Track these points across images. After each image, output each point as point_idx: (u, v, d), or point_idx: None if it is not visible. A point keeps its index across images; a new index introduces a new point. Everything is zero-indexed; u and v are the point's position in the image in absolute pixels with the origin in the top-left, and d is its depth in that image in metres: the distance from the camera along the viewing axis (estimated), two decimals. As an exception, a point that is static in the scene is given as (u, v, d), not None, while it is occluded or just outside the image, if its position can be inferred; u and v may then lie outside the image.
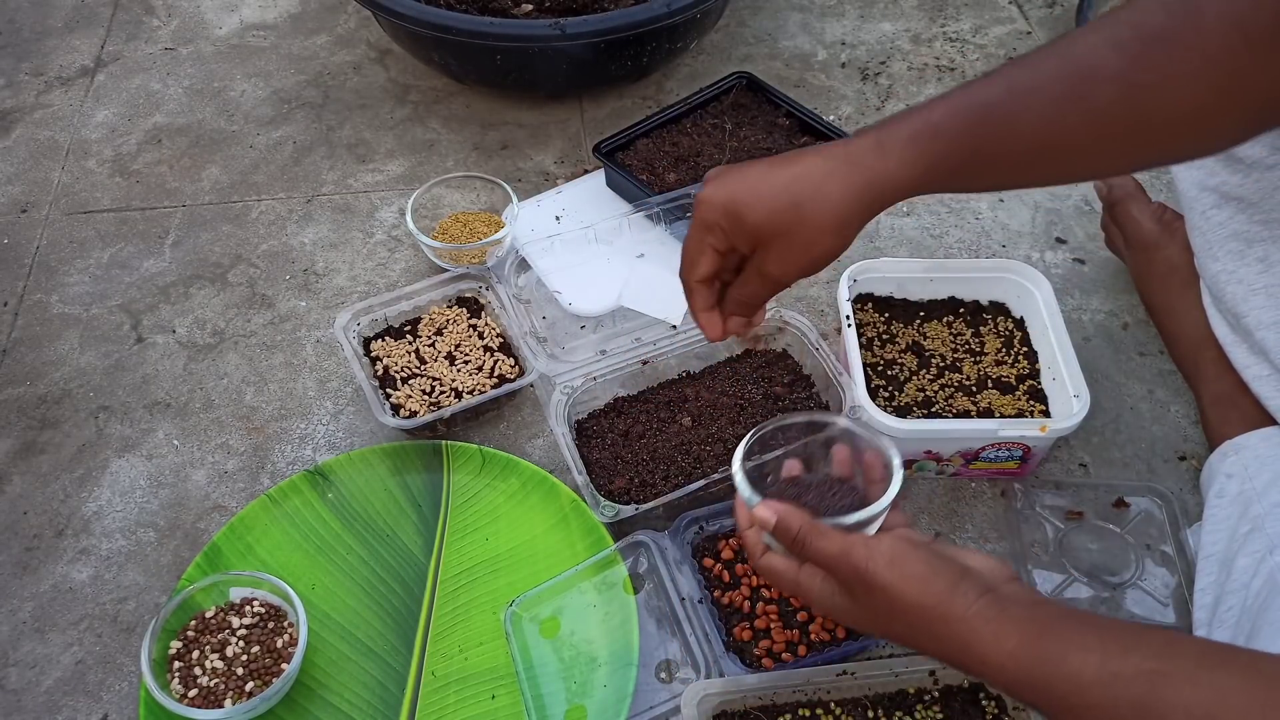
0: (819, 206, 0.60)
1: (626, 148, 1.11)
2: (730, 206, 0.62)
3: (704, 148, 1.10)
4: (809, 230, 0.60)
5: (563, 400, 0.86)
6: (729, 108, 1.15)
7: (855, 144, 0.60)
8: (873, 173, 0.59)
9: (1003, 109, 0.58)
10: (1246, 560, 0.72)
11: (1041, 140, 0.58)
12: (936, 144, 0.59)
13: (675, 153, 1.10)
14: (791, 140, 1.12)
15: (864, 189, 0.59)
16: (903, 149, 0.59)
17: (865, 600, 0.56)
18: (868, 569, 0.55)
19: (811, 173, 0.60)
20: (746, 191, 0.61)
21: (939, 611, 0.53)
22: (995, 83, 0.59)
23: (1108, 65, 0.56)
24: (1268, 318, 0.78)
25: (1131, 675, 0.47)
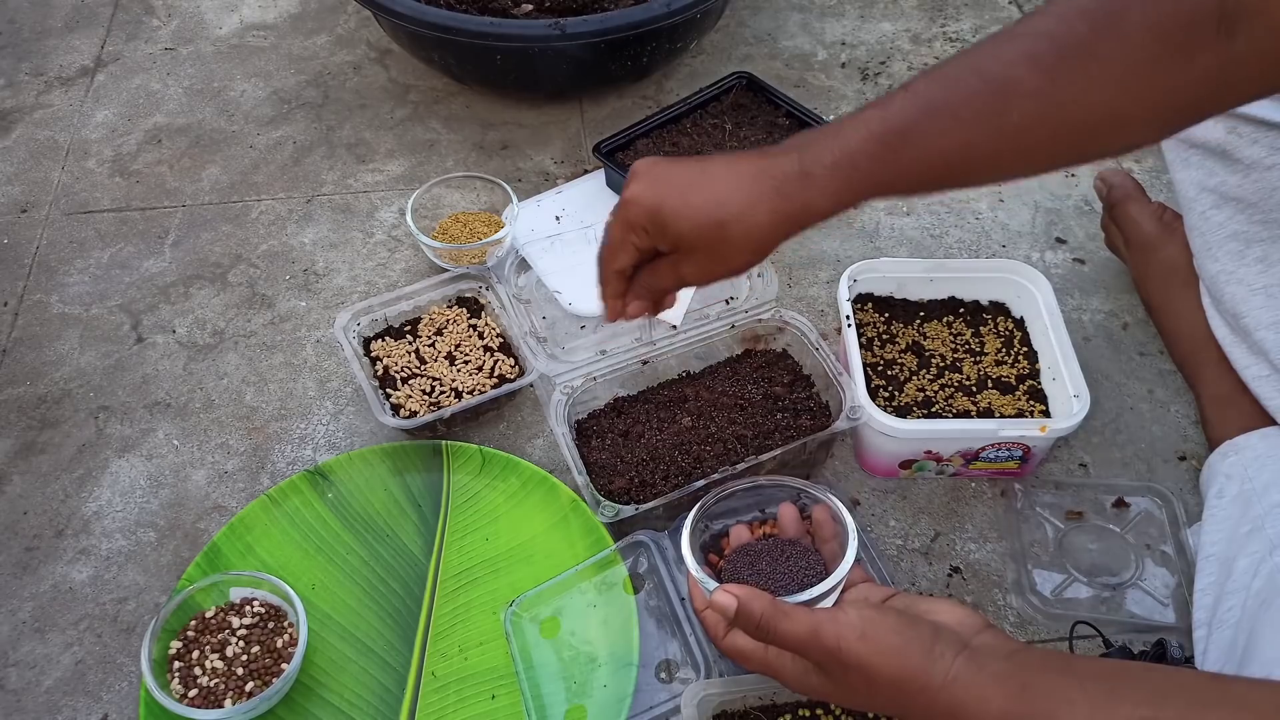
0: (744, 229, 0.61)
1: (626, 148, 1.11)
2: (656, 213, 0.63)
3: (704, 148, 1.10)
4: (731, 248, 0.62)
5: (563, 400, 0.86)
6: (729, 108, 1.15)
7: (781, 168, 0.61)
8: (797, 204, 0.60)
9: (918, 133, 0.58)
10: (1247, 560, 0.72)
11: (959, 158, 0.59)
12: (856, 174, 0.59)
13: (675, 153, 1.10)
14: (791, 140, 1.12)
15: (787, 218, 0.61)
16: (826, 180, 0.60)
17: (842, 679, 0.55)
18: (839, 647, 0.54)
19: (740, 193, 0.61)
20: (675, 199, 0.62)
21: (919, 684, 0.52)
22: (911, 102, 0.59)
23: (1025, 82, 0.56)
24: (1267, 318, 0.78)
25: None
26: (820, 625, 0.55)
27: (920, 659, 0.52)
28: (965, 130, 0.58)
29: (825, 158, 0.60)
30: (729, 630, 0.60)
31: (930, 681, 0.52)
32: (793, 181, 0.60)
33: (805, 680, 0.57)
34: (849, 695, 0.56)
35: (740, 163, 0.63)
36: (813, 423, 0.87)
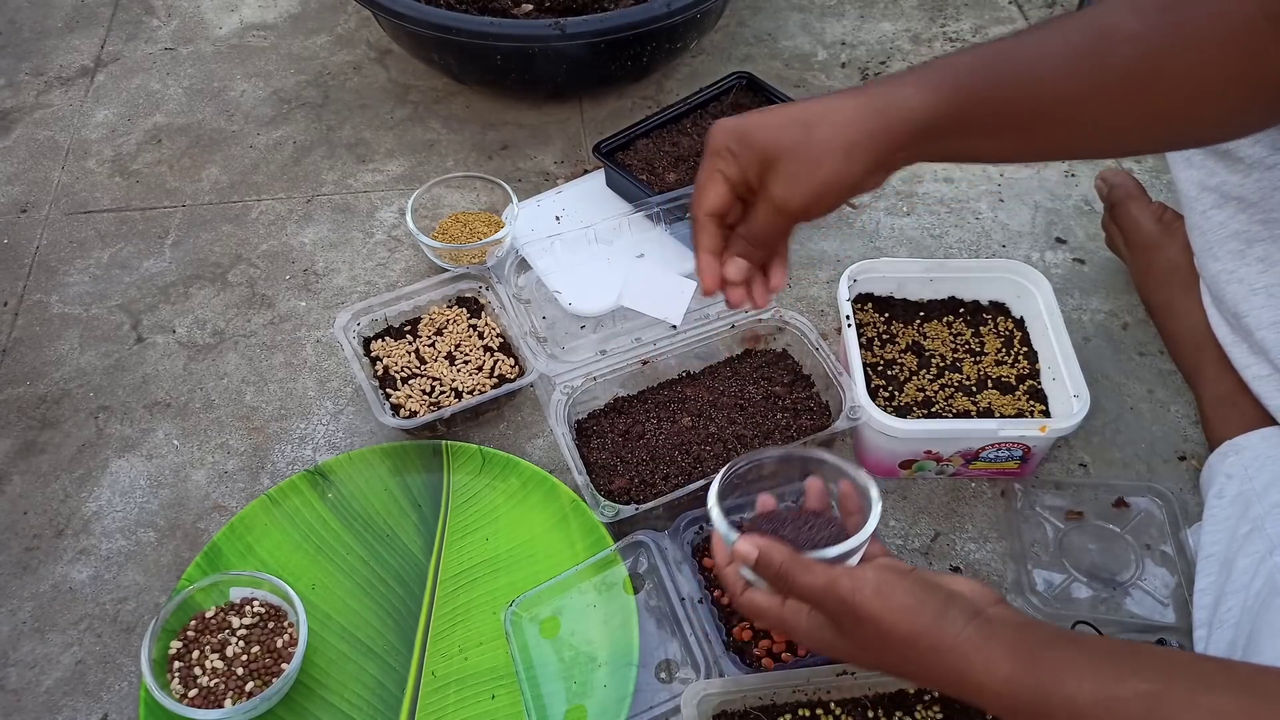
0: (828, 123, 0.58)
1: (626, 148, 1.11)
2: (739, 129, 0.61)
3: (703, 148, 1.10)
4: (816, 147, 0.58)
5: (563, 400, 0.86)
6: (729, 108, 1.15)
7: (870, 83, 0.61)
8: (885, 99, 0.58)
9: (1019, 58, 0.58)
10: (1247, 561, 0.72)
11: (1056, 94, 0.58)
12: (952, 81, 0.58)
13: (675, 153, 1.10)
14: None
15: (874, 112, 0.58)
16: (918, 81, 0.58)
17: (854, 632, 0.55)
18: (855, 600, 0.54)
19: (821, 100, 0.60)
20: (757, 116, 0.61)
21: (929, 641, 0.52)
22: (1015, 38, 0.59)
23: (1126, 26, 0.56)
24: (1268, 317, 0.78)
25: (1129, 698, 0.47)
26: (838, 578, 0.55)
27: (932, 619, 0.53)
28: (1066, 60, 0.57)
29: (919, 70, 0.59)
30: (747, 587, 0.61)
31: (940, 641, 0.52)
32: (883, 83, 0.59)
33: (818, 635, 0.57)
34: (859, 651, 0.56)
35: (822, 95, 0.61)
36: (813, 423, 0.87)
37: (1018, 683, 0.50)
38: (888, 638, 0.54)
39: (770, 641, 0.75)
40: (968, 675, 0.51)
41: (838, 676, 0.70)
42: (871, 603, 0.54)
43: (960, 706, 0.70)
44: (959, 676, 0.52)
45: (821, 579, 0.56)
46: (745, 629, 0.75)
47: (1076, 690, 0.48)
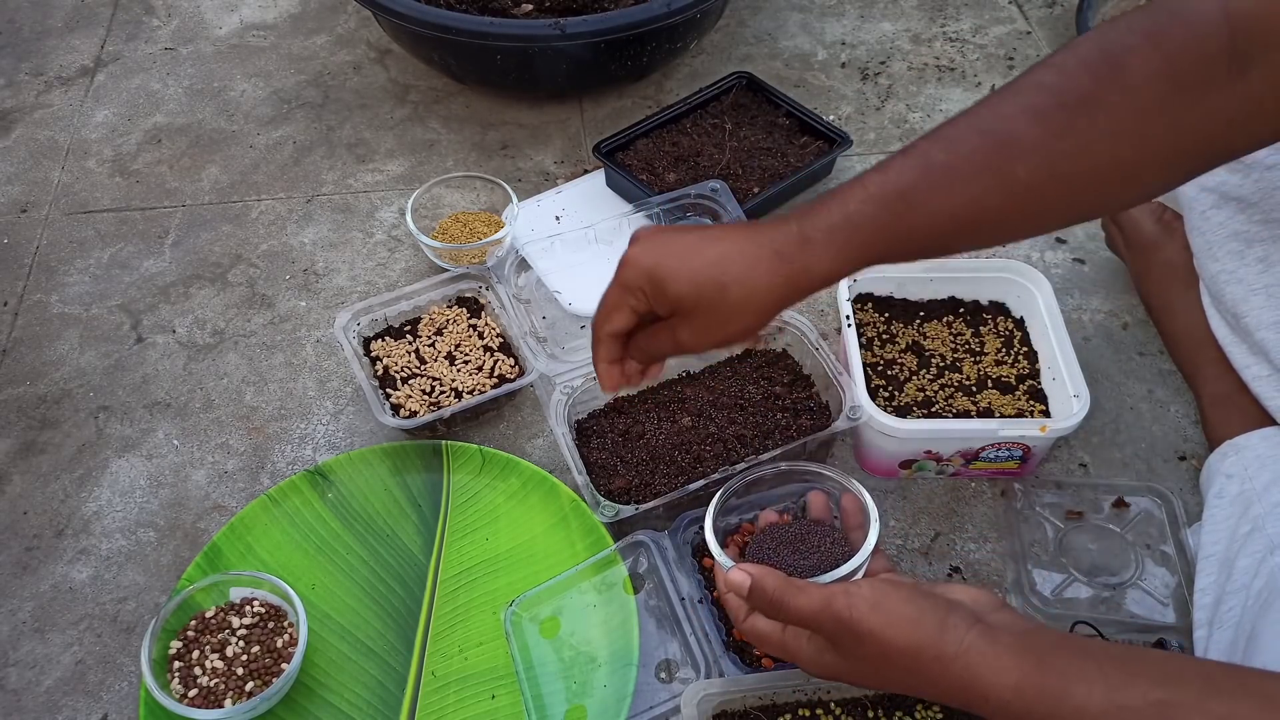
0: (744, 291, 0.60)
1: (626, 148, 1.11)
2: (655, 274, 0.61)
3: (704, 148, 1.10)
4: (730, 310, 0.60)
5: (563, 400, 0.86)
6: (729, 108, 1.15)
7: (780, 234, 0.60)
8: (796, 268, 0.59)
9: (920, 193, 0.57)
10: (1247, 561, 0.72)
11: (962, 219, 0.57)
12: (857, 237, 0.58)
13: (675, 153, 1.10)
14: (791, 140, 1.12)
15: (787, 281, 0.60)
16: (825, 244, 0.59)
17: (855, 652, 0.54)
18: (851, 617, 0.53)
19: (740, 256, 0.60)
20: (674, 261, 0.61)
21: (932, 653, 0.52)
22: (911, 164, 0.58)
23: (1027, 137, 0.55)
24: (1268, 317, 0.78)
25: (1139, 706, 0.47)
26: (832, 597, 0.55)
27: (934, 629, 0.52)
28: (968, 188, 0.56)
29: (823, 222, 0.59)
30: (749, 614, 0.60)
31: (944, 651, 0.51)
32: (792, 244, 0.59)
33: (820, 659, 0.57)
34: (862, 670, 0.55)
35: (739, 230, 0.62)
36: (813, 423, 0.87)
37: (1026, 692, 0.49)
38: (889, 653, 0.53)
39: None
40: (974, 686, 0.51)
41: (838, 676, 0.70)
42: (869, 618, 0.53)
43: (960, 706, 0.70)
44: (964, 687, 0.51)
45: (816, 600, 0.55)
46: (745, 629, 0.75)
47: (1086, 698, 0.48)
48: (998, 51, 1.32)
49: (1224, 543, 0.76)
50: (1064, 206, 0.58)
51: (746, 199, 1.04)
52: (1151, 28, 0.53)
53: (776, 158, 1.10)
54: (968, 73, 1.29)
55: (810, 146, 1.11)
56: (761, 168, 1.09)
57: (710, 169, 1.08)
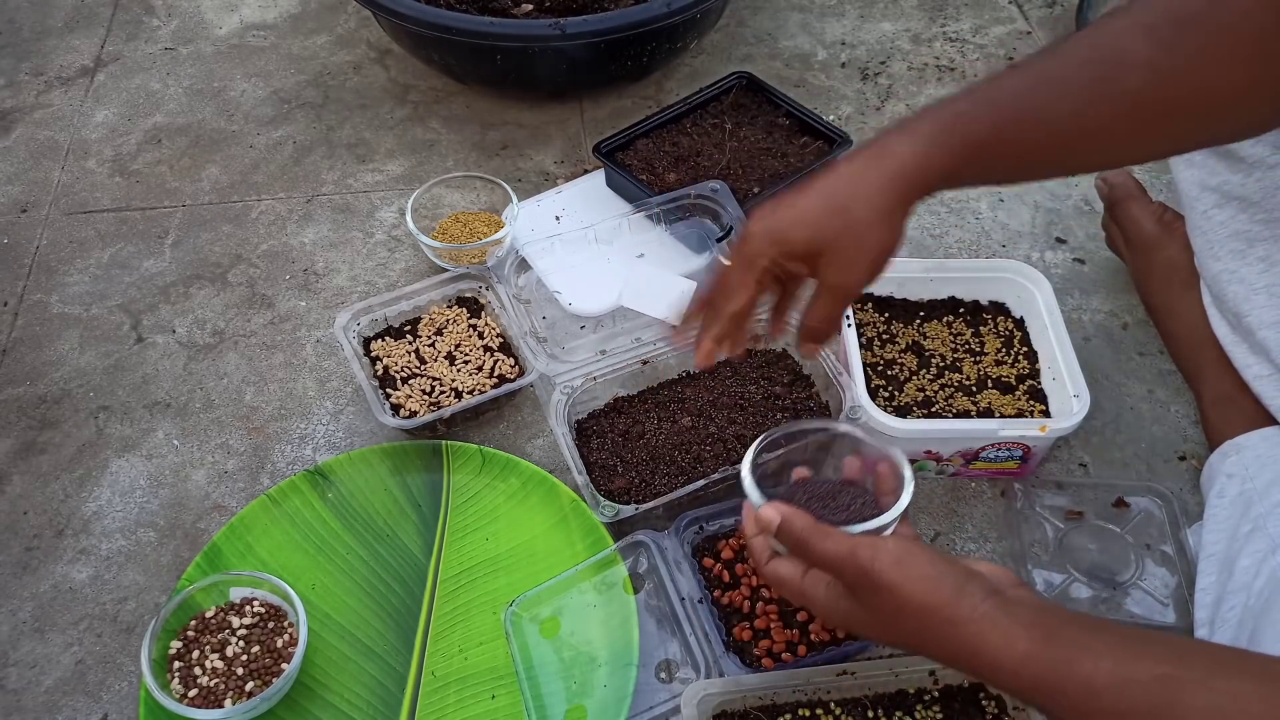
0: (863, 202, 0.59)
1: (626, 147, 1.11)
2: (776, 233, 0.61)
3: (704, 147, 1.10)
4: (858, 228, 0.59)
5: (563, 400, 0.86)
6: (729, 107, 1.15)
7: (883, 138, 0.60)
8: (903, 160, 0.59)
9: (1031, 98, 0.58)
10: (1248, 560, 0.72)
11: (1070, 129, 0.58)
12: (966, 132, 0.58)
13: (675, 152, 1.10)
14: (791, 140, 1.12)
15: (898, 176, 0.59)
16: (931, 137, 0.58)
17: (870, 602, 0.55)
18: (873, 568, 0.54)
19: (843, 176, 0.60)
20: (789, 212, 0.61)
21: (946, 614, 0.52)
22: (1024, 73, 0.59)
23: (1137, 51, 0.56)
24: (1269, 317, 0.78)
25: (1146, 680, 0.47)
26: (858, 546, 0.55)
27: (951, 592, 0.53)
28: (1077, 98, 0.57)
29: (930, 121, 0.59)
30: (771, 557, 0.61)
31: (957, 614, 0.52)
32: (896, 141, 0.59)
33: (836, 606, 0.57)
34: (874, 621, 0.56)
35: (840, 161, 0.62)
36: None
37: (1034, 660, 0.50)
38: (904, 608, 0.53)
39: (770, 642, 0.75)
40: (983, 650, 0.51)
41: (837, 677, 0.70)
42: (890, 571, 0.54)
43: (960, 706, 0.70)
44: (974, 651, 0.52)
45: (842, 546, 0.56)
46: (745, 629, 0.75)
47: (1093, 670, 0.48)
48: (998, 51, 1.32)
49: (1225, 542, 0.76)
50: (1170, 126, 0.58)
51: (746, 199, 1.04)
52: None
53: (776, 158, 1.10)
54: (968, 73, 1.29)
55: (810, 146, 1.11)
56: (761, 168, 1.09)
57: (710, 169, 1.08)
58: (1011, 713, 0.70)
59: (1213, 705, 0.45)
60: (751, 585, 0.78)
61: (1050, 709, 0.50)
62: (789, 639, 0.75)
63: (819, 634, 0.75)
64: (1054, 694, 0.49)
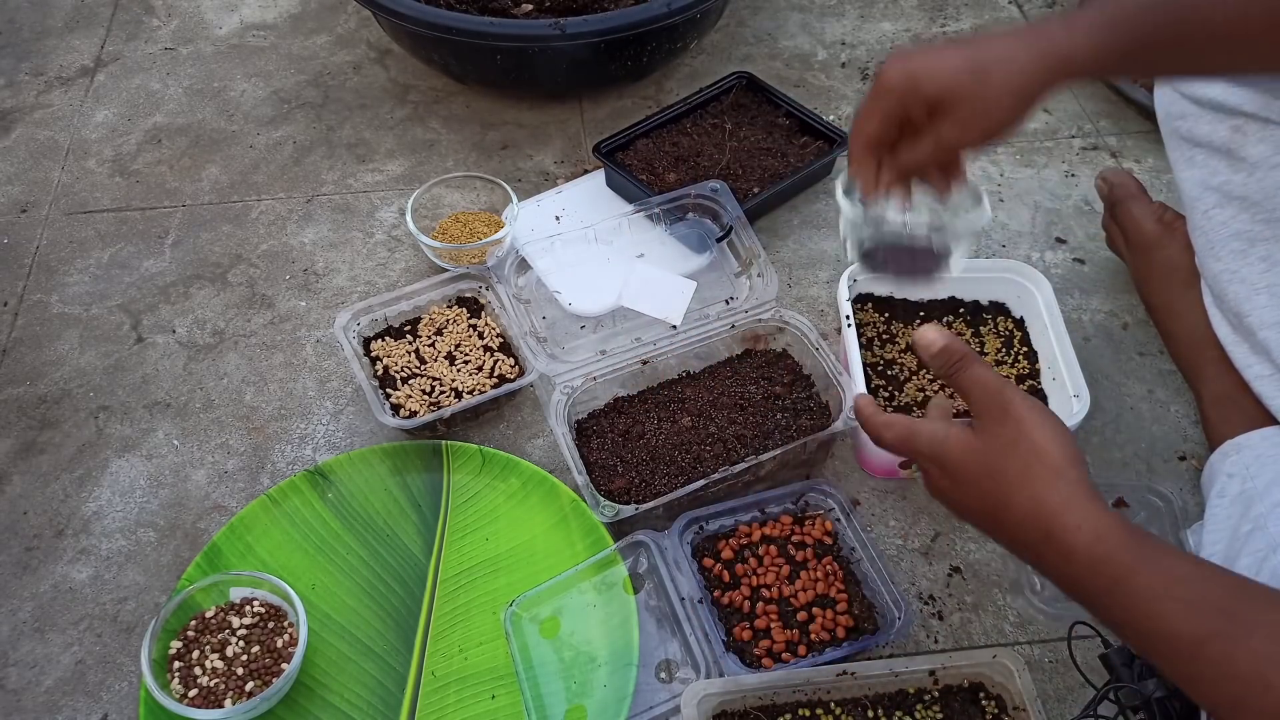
0: (1003, 70, 0.60)
1: (626, 148, 1.11)
2: (910, 73, 0.61)
3: (704, 148, 1.10)
4: (992, 93, 0.60)
5: (563, 400, 0.86)
6: (729, 108, 1.15)
7: (1041, 24, 0.61)
8: (1058, 44, 0.60)
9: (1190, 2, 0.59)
10: (1249, 560, 0.72)
11: (1226, 31, 0.59)
12: (1121, 30, 0.60)
13: (675, 153, 1.10)
14: (791, 140, 1.12)
15: (1049, 56, 0.60)
16: (1089, 27, 0.60)
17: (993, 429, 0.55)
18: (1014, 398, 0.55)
19: (999, 44, 0.61)
20: (929, 59, 0.61)
21: (1054, 463, 0.52)
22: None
23: None
24: (1270, 317, 0.78)
25: (1220, 584, 0.47)
26: (1006, 383, 0.56)
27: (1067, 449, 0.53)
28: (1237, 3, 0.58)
29: (1090, 14, 0.60)
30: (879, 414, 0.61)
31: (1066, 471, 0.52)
32: (1055, 29, 0.60)
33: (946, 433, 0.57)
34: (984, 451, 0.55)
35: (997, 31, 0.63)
36: (813, 423, 0.87)
37: (1114, 534, 0.50)
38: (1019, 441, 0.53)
39: (770, 642, 0.75)
40: (1070, 509, 0.51)
41: (837, 677, 0.70)
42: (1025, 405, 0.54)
43: (960, 707, 0.70)
44: (1062, 506, 0.51)
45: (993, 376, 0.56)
46: (745, 629, 0.75)
47: (1174, 563, 0.48)
48: (998, 51, 1.32)
49: (1225, 542, 0.75)
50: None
51: (746, 199, 1.04)
52: None
53: (776, 158, 1.10)
54: (968, 73, 1.29)
55: (810, 146, 1.11)
56: (761, 168, 1.09)
57: (710, 169, 1.08)
58: (1012, 712, 0.70)
59: None
60: (752, 585, 0.78)
61: (1114, 592, 0.49)
62: (789, 639, 0.75)
63: (819, 634, 0.75)
64: (1127, 574, 0.49)
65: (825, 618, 0.76)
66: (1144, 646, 0.50)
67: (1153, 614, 0.48)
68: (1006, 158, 1.17)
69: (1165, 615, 0.48)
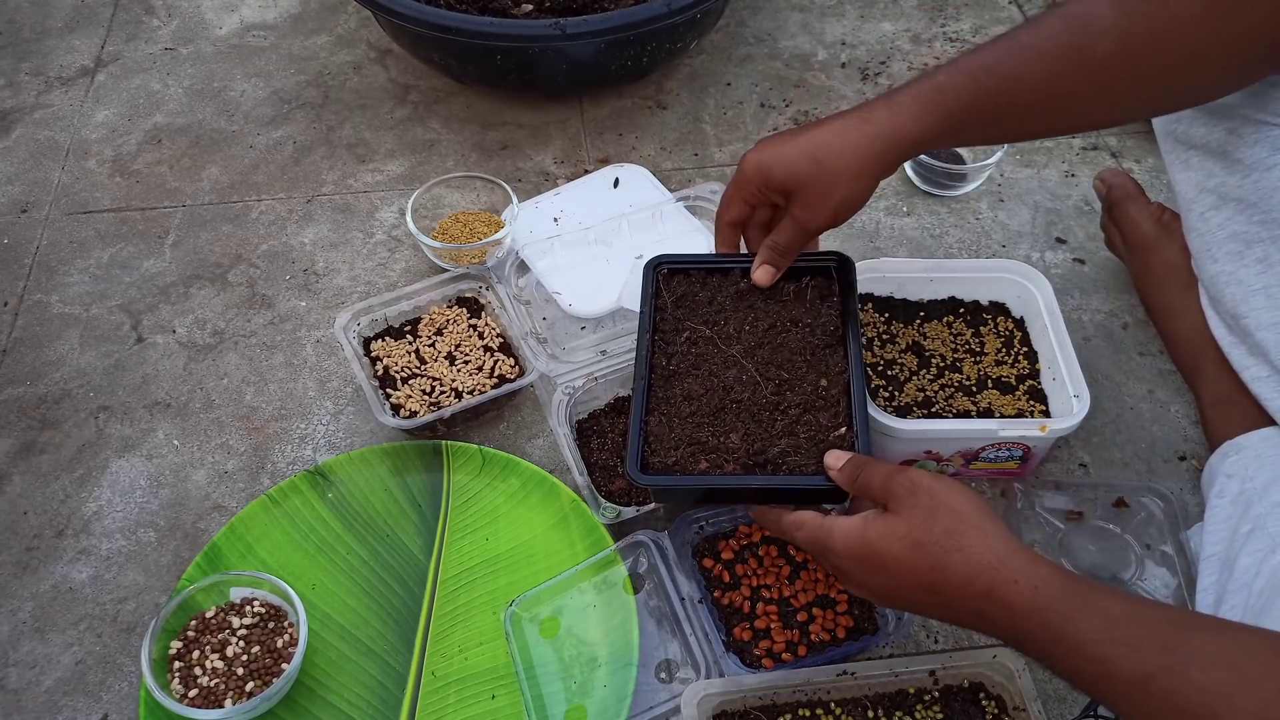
0: (837, 157, 0.66)
1: None
2: (761, 164, 0.70)
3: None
4: (828, 177, 0.67)
5: (563, 400, 0.86)
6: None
7: (868, 106, 0.67)
8: (884, 127, 0.65)
9: (1005, 67, 0.63)
10: (1248, 560, 0.72)
11: (1042, 94, 0.63)
12: (943, 102, 0.64)
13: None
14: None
15: (876, 139, 0.65)
16: (911, 106, 0.65)
17: (908, 504, 0.56)
18: (919, 476, 0.57)
19: (829, 131, 0.67)
20: (776, 150, 0.69)
21: (976, 520, 0.54)
22: (999, 44, 0.64)
23: (1104, 19, 0.60)
24: (1267, 318, 0.78)
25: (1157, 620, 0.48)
26: (905, 469, 0.59)
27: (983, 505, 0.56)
28: (1049, 65, 0.62)
29: (911, 90, 0.65)
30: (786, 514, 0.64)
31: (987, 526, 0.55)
32: (879, 109, 0.65)
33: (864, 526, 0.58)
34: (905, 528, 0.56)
35: (836, 115, 0.68)
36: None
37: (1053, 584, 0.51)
38: (938, 509, 0.55)
39: (770, 642, 0.75)
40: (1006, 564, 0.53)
41: (837, 677, 0.70)
42: (930, 480, 0.57)
43: (960, 707, 0.70)
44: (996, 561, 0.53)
45: (890, 466, 0.60)
46: (745, 629, 0.75)
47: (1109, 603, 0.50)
48: (998, 51, 1.32)
49: (1225, 542, 0.76)
50: (1135, 90, 0.63)
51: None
52: None
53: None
54: (968, 73, 1.29)
55: None
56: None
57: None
58: (1012, 712, 0.70)
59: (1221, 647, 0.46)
60: (752, 585, 0.78)
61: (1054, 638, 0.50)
62: (789, 639, 0.75)
63: (819, 634, 0.75)
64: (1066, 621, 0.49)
65: (825, 618, 0.76)
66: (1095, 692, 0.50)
67: (1096, 658, 0.49)
68: (1007, 158, 1.17)
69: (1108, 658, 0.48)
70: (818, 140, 0.67)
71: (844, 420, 0.70)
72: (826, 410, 0.69)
